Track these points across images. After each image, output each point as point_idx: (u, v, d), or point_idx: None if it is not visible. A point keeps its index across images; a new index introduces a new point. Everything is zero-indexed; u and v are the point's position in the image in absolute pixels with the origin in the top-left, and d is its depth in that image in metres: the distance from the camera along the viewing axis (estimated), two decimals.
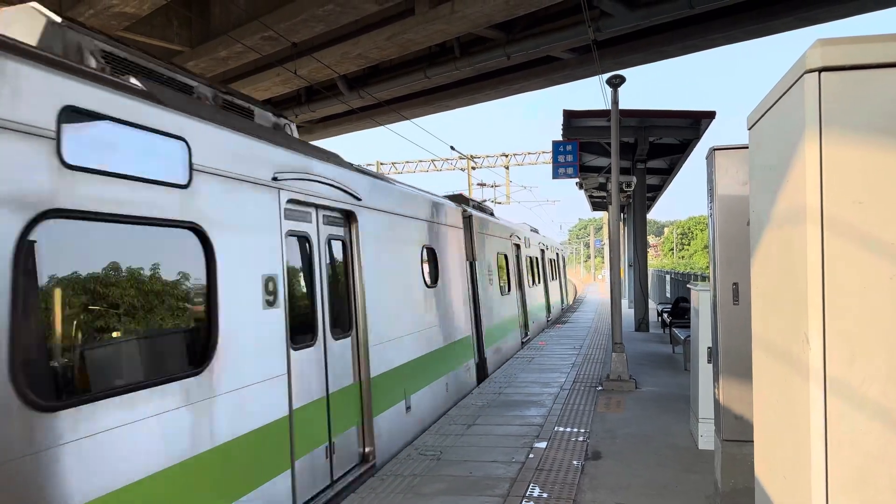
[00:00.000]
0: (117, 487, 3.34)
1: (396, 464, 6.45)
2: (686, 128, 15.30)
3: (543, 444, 7.00)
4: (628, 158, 17.00)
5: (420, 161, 41.98)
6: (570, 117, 15.31)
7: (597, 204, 29.58)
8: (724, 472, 5.09)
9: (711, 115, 14.32)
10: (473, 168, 40.86)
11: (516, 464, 6.36)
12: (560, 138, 16.34)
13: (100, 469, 3.26)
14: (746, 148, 3.72)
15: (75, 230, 3.33)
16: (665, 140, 16.54)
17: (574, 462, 6.37)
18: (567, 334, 17.74)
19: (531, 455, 6.62)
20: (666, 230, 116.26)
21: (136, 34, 14.27)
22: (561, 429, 7.65)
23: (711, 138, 45.36)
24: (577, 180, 15.82)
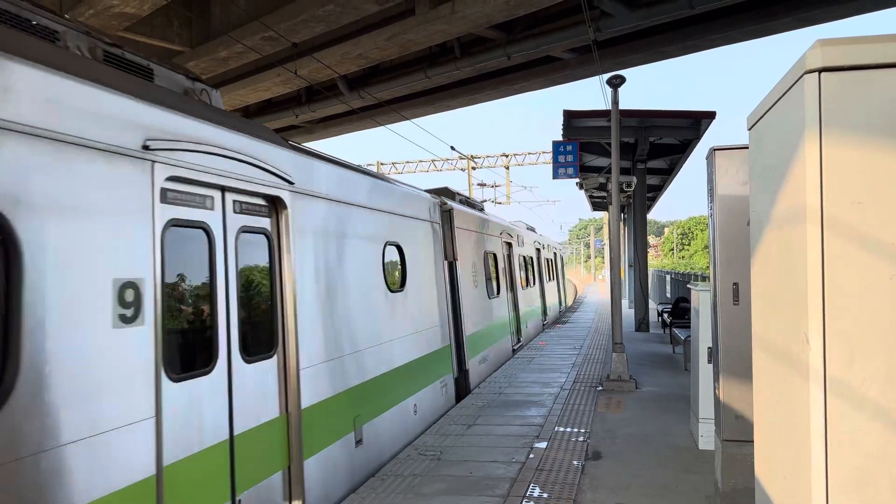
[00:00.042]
0: None
1: (396, 464, 6.46)
2: (686, 128, 15.32)
3: (544, 444, 7.00)
4: (628, 158, 17.03)
5: (420, 161, 42.04)
6: (571, 117, 15.33)
7: (597, 204, 29.60)
8: (725, 472, 5.10)
9: (711, 116, 14.34)
10: (474, 168, 40.90)
11: (516, 464, 6.36)
12: (560, 138, 16.36)
13: None
14: (746, 148, 3.73)
15: None
16: (665, 140, 16.56)
17: (574, 462, 6.37)
18: (567, 334, 17.74)
19: (531, 455, 6.63)
20: (666, 230, 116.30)
21: (137, 34, 14.30)
22: (561, 429, 7.65)
23: (711, 138, 45.43)
24: (578, 180, 15.84)
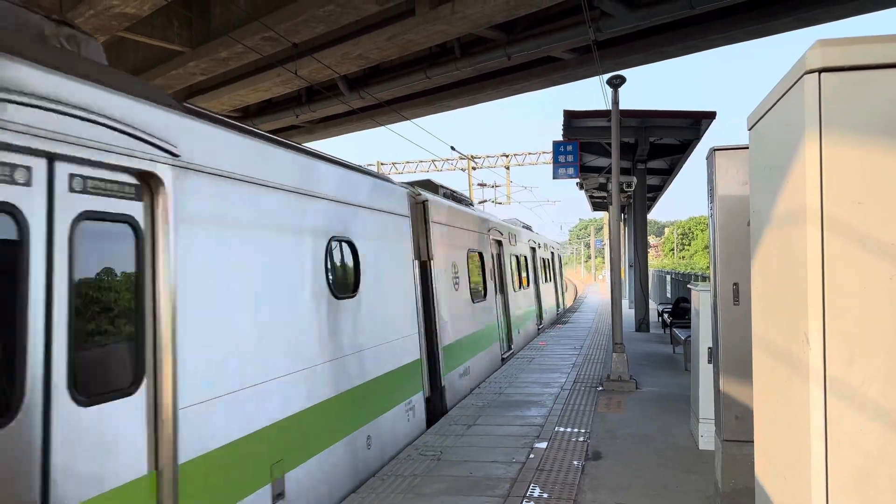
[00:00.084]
0: None
1: (397, 464, 6.46)
2: (686, 128, 15.33)
3: (544, 445, 7.00)
4: (629, 159, 17.04)
5: (420, 161, 42.08)
6: (571, 118, 15.33)
7: (597, 204, 29.60)
8: (725, 473, 5.10)
9: (712, 116, 14.35)
10: (474, 168, 40.92)
11: (517, 464, 6.36)
12: (560, 138, 16.37)
13: None
14: (746, 148, 3.73)
15: None
16: (665, 140, 16.57)
17: (574, 462, 6.37)
18: (567, 335, 17.74)
19: (531, 455, 6.63)
20: (666, 230, 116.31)
21: (137, 35, 14.31)
22: (561, 429, 7.65)
23: (712, 138, 45.40)
24: (578, 180, 15.86)
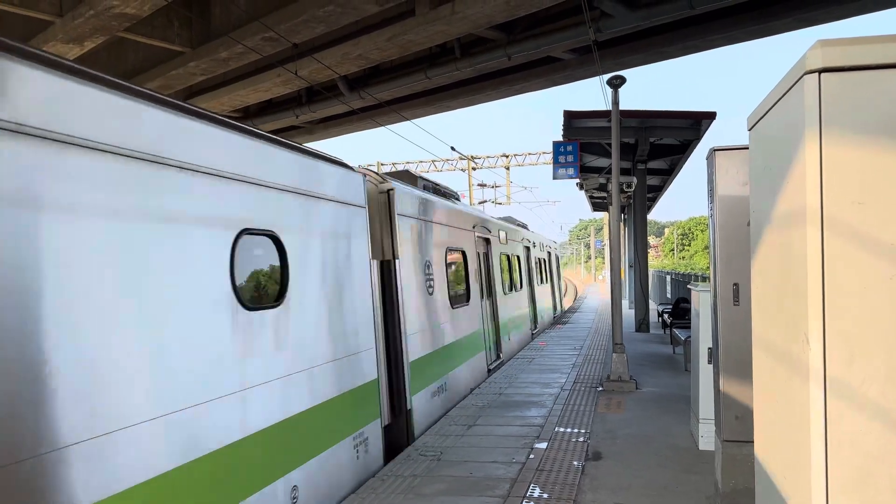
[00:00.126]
0: None
1: (397, 464, 6.46)
2: (686, 128, 15.33)
3: (544, 445, 7.00)
4: (629, 159, 17.04)
5: (420, 161, 42.06)
6: (571, 118, 15.33)
7: (597, 204, 29.61)
8: (725, 473, 5.10)
9: (712, 116, 14.35)
10: (474, 169, 40.93)
11: (517, 464, 6.36)
12: (561, 139, 16.37)
13: None
14: (747, 149, 3.72)
15: None
16: (665, 141, 16.56)
17: (574, 462, 6.37)
18: (567, 335, 17.74)
19: (531, 455, 6.63)
20: (666, 231, 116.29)
21: (137, 35, 14.30)
22: (561, 429, 7.65)
23: (712, 139, 45.34)
24: (578, 181, 15.84)
